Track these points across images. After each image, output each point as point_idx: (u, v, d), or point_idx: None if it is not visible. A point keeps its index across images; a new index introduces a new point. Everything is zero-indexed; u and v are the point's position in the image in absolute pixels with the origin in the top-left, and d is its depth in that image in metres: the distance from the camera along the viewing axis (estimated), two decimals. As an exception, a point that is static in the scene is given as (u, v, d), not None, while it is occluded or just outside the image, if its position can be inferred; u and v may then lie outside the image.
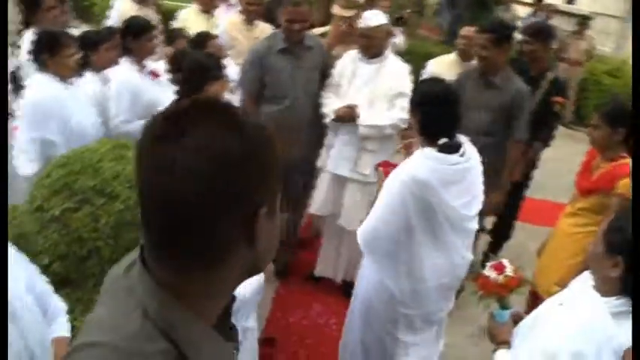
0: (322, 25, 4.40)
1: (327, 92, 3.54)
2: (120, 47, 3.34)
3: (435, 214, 2.23)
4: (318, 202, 3.63)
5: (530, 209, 4.55)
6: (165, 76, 3.32)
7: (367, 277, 2.54)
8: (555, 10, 9.70)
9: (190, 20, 4.39)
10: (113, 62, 3.34)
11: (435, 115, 2.26)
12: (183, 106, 0.76)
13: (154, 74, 3.40)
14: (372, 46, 3.39)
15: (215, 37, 3.43)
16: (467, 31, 4.16)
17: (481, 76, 3.43)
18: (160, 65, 3.54)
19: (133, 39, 3.28)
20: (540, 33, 3.85)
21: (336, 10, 3.98)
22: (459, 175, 2.24)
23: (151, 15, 4.55)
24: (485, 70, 3.40)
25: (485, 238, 4.30)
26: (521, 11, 10.86)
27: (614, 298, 1.57)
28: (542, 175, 4.43)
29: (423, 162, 2.21)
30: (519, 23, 10.28)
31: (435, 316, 2.51)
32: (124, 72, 3.25)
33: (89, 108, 3.02)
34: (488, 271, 1.93)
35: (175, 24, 4.50)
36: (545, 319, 1.74)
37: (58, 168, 2.34)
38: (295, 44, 3.44)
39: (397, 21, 6.07)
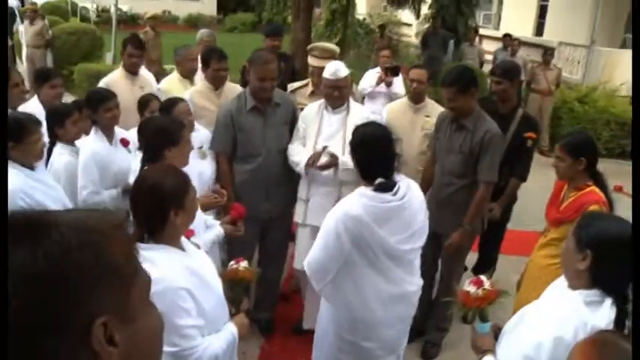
0: (304, 75, 4.36)
1: (293, 143, 3.54)
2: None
3: (369, 248, 2.39)
4: (301, 256, 3.58)
5: (511, 240, 4.53)
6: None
7: (324, 309, 2.66)
8: (523, 43, 9.97)
9: (173, 87, 4.35)
10: (82, 134, 3.34)
11: (369, 157, 2.45)
12: None
13: (125, 142, 3.40)
14: (343, 96, 3.43)
15: (182, 100, 3.45)
16: (416, 74, 4.13)
17: (453, 120, 3.48)
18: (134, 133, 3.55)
19: (92, 112, 3.27)
20: (508, 72, 3.91)
21: (311, 60, 4.02)
22: (392, 213, 2.40)
23: (150, 82, 4.55)
24: (457, 116, 3.45)
25: (468, 275, 4.26)
26: (487, 45, 11.17)
27: (587, 289, 1.73)
28: (521, 204, 4.42)
29: (357, 199, 2.40)
30: (488, 57, 10.58)
31: (398, 348, 2.64)
32: (90, 143, 3.24)
33: (58, 192, 2.88)
34: (468, 287, 2.06)
35: (159, 93, 4.41)
36: (527, 317, 1.88)
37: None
38: (264, 102, 3.46)
39: (393, 70, 5.76)
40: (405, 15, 17.38)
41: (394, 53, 15.06)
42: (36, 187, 2.68)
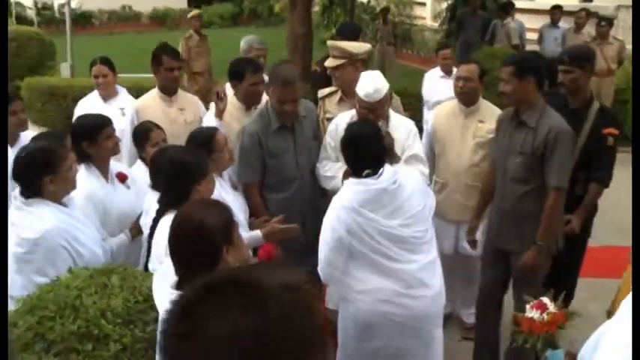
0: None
1: (321, 162, 3.71)
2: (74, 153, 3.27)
3: (366, 233, 2.99)
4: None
5: (587, 259, 4.28)
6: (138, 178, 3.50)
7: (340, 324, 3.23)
8: (570, 13, 10.05)
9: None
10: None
11: (356, 154, 3.11)
12: (195, 294, 0.84)
13: (122, 177, 3.48)
14: (381, 116, 3.58)
15: (218, 130, 3.47)
16: (465, 70, 4.12)
17: (513, 116, 3.62)
18: (135, 167, 3.67)
19: (89, 143, 3.29)
20: (578, 58, 3.93)
21: (327, 62, 4.17)
22: (381, 196, 3.02)
23: (192, 100, 4.50)
24: (516, 108, 3.58)
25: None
26: (525, 21, 11.20)
27: None
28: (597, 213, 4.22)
29: (346, 190, 3.09)
30: (529, 35, 10.62)
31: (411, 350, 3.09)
32: (83, 183, 3.19)
33: (90, 228, 3.03)
34: (531, 312, 2.20)
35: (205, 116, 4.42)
36: (612, 332, 1.93)
37: (26, 315, 2.33)
38: (291, 118, 3.64)
39: None
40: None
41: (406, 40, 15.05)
42: (73, 225, 2.89)
